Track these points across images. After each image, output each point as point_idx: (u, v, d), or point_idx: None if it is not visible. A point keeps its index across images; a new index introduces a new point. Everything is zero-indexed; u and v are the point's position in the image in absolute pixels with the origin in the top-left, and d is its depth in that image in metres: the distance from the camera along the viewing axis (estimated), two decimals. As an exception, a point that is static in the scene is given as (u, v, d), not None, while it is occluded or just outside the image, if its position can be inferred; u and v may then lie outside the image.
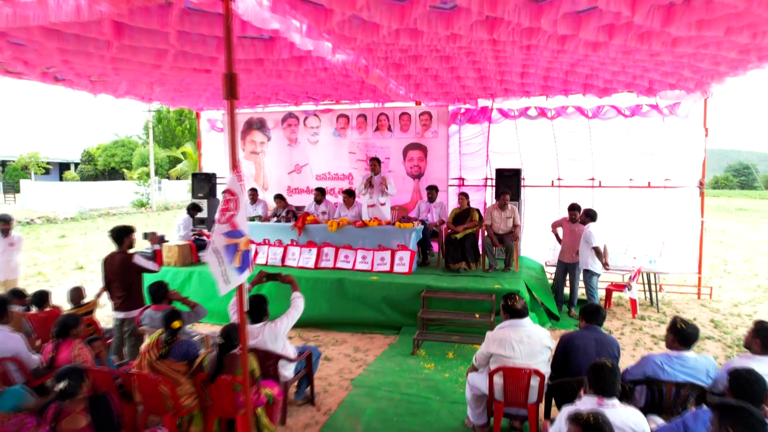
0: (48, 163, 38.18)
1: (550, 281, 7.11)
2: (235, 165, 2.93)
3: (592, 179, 7.76)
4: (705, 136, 7.08)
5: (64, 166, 44.26)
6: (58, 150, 43.96)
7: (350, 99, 8.11)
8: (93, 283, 8.11)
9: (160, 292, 4.26)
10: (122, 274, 4.50)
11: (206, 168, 9.62)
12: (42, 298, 4.55)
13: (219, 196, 8.99)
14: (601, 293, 6.81)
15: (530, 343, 3.40)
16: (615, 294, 7.15)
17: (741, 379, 2.49)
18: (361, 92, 7.17)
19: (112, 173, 43.39)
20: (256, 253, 7.30)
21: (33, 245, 13.44)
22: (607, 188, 7.69)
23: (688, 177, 7.34)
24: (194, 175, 9.12)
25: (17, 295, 4.65)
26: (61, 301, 5.21)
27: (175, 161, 38.16)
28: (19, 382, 3.35)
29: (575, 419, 2.07)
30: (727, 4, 2.90)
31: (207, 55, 4.27)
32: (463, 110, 8.20)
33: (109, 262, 4.56)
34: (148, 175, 32.96)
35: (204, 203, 8.80)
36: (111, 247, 4.65)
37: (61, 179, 39.11)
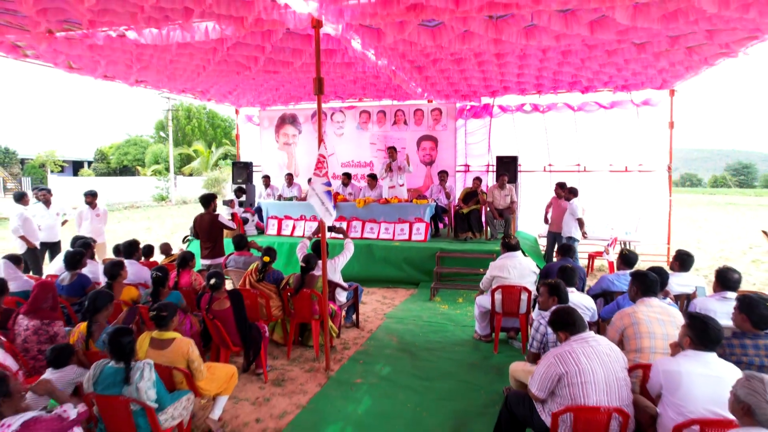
0: (63, 162, 39.62)
1: (543, 252, 8.47)
2: (321, 139, 4.31)
3: (578, 164, 9.13)
4: (671, 128, 8.41)
5: (77, 165, 45.66)
6: (72, 149, 45.40)
7: (372, 97, 9.48)
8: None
9: (243, 242, 5.64)
10: (209, 230, 5.87)
11: (243, 157, 10.97)
12: (149, 250, 5.92)
13: (256, 182, 10.35)
14: (584, 262, 8.16)
15: (521, 269, 4.77)
16: (597, 262, 8.52)
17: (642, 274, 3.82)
18: (384, 91, 8.54)
19: (124, 171, 44.83)
20: (294, 226, 8.69)
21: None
22: (590, 172, 9.07)
23: (658, 162, 8.69)
24: (234, 164, 10.46)
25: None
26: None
27: (186, 159, 39.61)
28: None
29: (545, 284, 3.43)
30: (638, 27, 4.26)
31: (284, 60, 5.57)
32: (468, 107, 9.57)
33: (199, 221, 5.94)
34: (161, 172, 34.39)
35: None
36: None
37: (74, 176, 40.42)
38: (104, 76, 6.77)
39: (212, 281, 3.96)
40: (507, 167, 8.77)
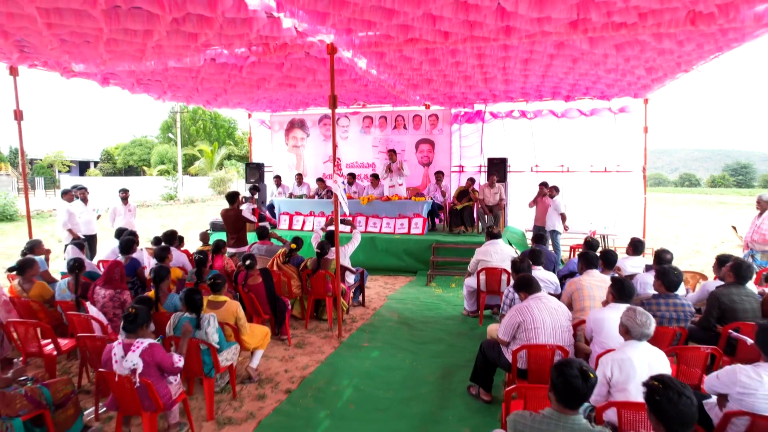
0: (70, 162, 40.53)
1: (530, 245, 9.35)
2: (335, 144, 5.20)
3: (562, 165, 10.03)
4: (645, 133, 9.30)
5: (83, 165, 46.58)
6: (78, 149, 46.39)
7: (374, 103, 10.38)
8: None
9: (265, 232, 6.53)
10: (235, 223, 6.77)
11: (255, 158, 11.87)
12: (181, 239, 6.80)
13: (267, 181, 11.26)
14: (567, 254, 9.03)
15: (502, 254, 5.67)
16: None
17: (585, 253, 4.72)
18: (385, 98, 9.44)
19: (129, 171, 45.76)
20: (304, 221, 9.59)
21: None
22: (573, 173, 9.97)
23: (634, 164, 9.59)
24: (247, 165, 11.35)
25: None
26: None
27: (191, 159, 40.54)
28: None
29: (514, 261, 4.32)
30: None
31: (300, 77, 6.46)
32: (462, 113, 10.47)
33: (225, 215, 6.84)
34: (167, 172, 35.28)
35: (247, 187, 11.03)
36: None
37: (81, 176, 41.32)
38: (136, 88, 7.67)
39: (247, 262, 4.86)
40: (497, 168, 9.67)
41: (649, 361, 2.62)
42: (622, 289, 3.32)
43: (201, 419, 3.55)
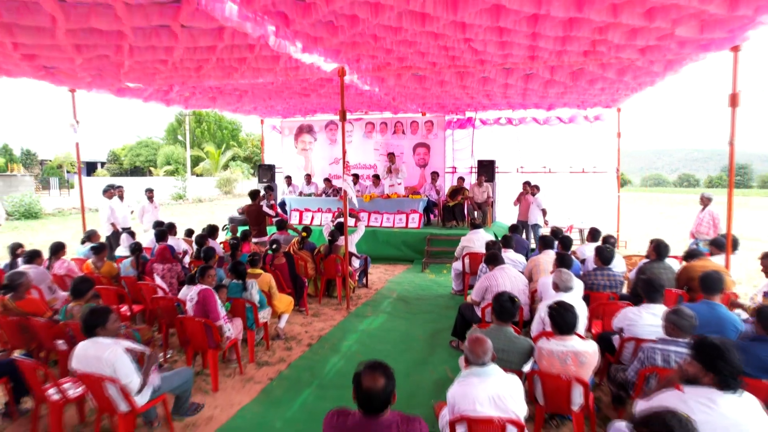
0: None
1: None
2: (344, 150, 6.32)
3: (544, 167, 11.15)
4: (618, 138, 10.41)
5: (91, 165, 47.75)
6: (85, 150, 47.53)
7: (375, 110, 11.51)
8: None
9: (283, 224, 7.66)
10: (257, 217, 7.90)
11: (267, 160, 13.00)
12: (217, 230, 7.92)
13: (278, 181, 12.38)
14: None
15: (482, 241, 6.77)
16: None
17: (544, 236, 5.85)
18: (386, 106, 10.57)
19: (135, 171, 46.95)
20: (313, 217, 10.71)
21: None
22: (554, 173, 11.08)
23: (609, 165, 10.71)
24: (260, 166, 12.47)
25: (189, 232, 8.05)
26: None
27: (196, 160, 41.74)
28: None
29: (488, 243, 5.43)
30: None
31: (313, 89, 7.59)
32: (455, 119, 11.60)
33: (248, 210, 7.98)
34: (178, 171, 36.43)
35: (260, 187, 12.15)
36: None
37: (87, 176, 42.44)
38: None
39: (274, 246, 5.99)
40: (486, 169, 10.78)
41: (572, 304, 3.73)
42: (562, 260, 4.44)
43: (245, 362, 4.67)
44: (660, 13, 3.91)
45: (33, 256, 5.27)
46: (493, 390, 2.43)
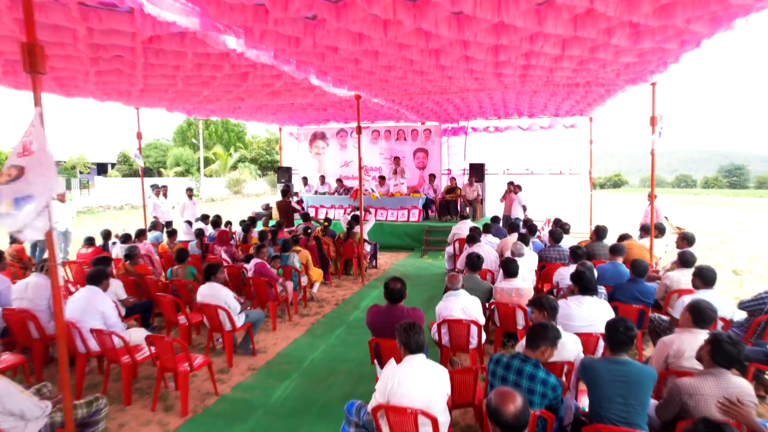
0: (91, 164, 43.40)
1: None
2: (360, 157, 8.03)
3: (527, 169, 12.86)
4: (590, 144, 12.11)
5: (101, 166, 49.41)
6: (96, 152, 49.27)
7: (381, 119, 13.22)
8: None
9: (308, 216, 9.36)
10: (286, 211, 9.60)
11: (285, 163, 14.71)
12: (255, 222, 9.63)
13: (294, 181, 14.07)
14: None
15: (468, 228, 8.47)
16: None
17: (512, 223, 7.56)
18: (389, 116, 12.29)
19: (146, 172, 48.30)
20: (327, 213, 12.41)
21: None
22: (535, 175, 12.80)
23: (582, 168, 12.41)
24: (279, 168, 14.17)
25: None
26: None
27: (206, 161, 43.41)
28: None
29: (471, 228, 7.14)
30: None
31: (330, 104, 9.30)
32: (450, 127, 13.31)
33: (279, 205, 9.68)
34: (187, 172, 38.11)
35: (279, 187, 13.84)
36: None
37: (97, 176, 44.05)
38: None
39: (308, 231, 7.70)
40: (477, 171, 12.47)
41: (523, 267, 5.44)
42: (522, 238, 6.14)
43: (292, 313, 6.38)
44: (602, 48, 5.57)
45: (126, 238, 7.00)
46: (462, 303, 4.13)
